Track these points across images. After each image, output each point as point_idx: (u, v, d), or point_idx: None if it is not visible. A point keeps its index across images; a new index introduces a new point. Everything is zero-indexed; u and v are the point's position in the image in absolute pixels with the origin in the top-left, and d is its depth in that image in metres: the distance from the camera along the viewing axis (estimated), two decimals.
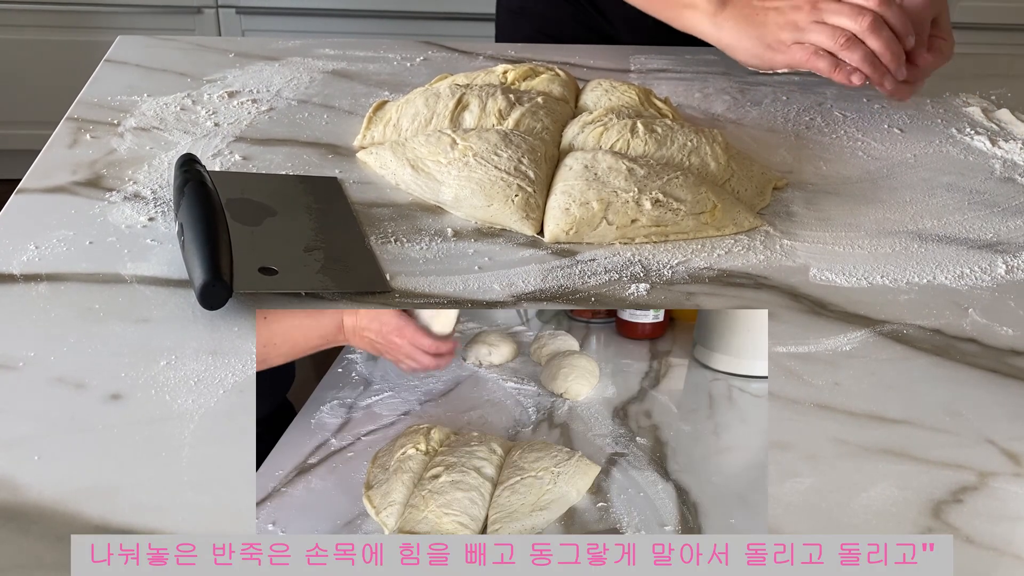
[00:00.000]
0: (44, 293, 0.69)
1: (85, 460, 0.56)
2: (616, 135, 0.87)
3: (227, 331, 0.67)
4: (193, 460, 0.57)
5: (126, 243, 0.76)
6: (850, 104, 1.07)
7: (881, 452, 0.61)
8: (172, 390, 0.62)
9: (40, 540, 0.51)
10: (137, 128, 0.92)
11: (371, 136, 0.93)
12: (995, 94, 1.11)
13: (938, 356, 0.70)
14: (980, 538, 0.55)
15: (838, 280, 0.77)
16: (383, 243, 0.78)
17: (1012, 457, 0.61)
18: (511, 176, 0.81)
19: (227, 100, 0.98)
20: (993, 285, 0.78)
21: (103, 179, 0.84)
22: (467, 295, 0.73)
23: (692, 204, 0.81)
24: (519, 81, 0.97)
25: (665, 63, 1.14)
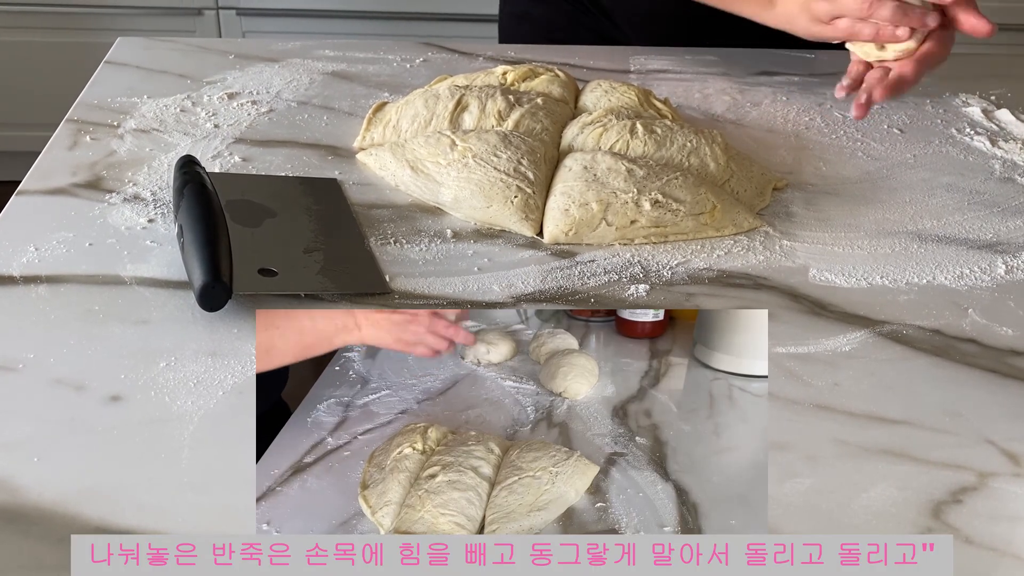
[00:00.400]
0: (44, 295, 0.70)
1: (85, 461, 0.56)
2: (615, 136, 0.87)
3: (226, 332, 0.67)
4: (193, 461, 0.57)
5: (126, 245, 0.76)
6: (850, 105, 1.07)
7: (881, 452, 0.61)
8: (172, 391, 0.62)
9: (41, 541, 0.51)
10: (137, 130, 0.92)
11: (371, 137, 0.93)
12: (995, 94, 1.11)
13: (938, 356, 0.70)
14: (980, 538, 0.55)
15: (838, 280, 0.77)
16: (383, 244, 0.78)
17: (1012, 457, 0.61)
18: (510, 177, 0.81)
19: (227, 102, 0.98)
20: (993, 285, 0.78)
21: (103, 181, 0.84)
22: (467, 296, 0.73)
23: (691, 205, 0.81)
24: (519, 82, 0.97)
25: (665, 64, 1.14)
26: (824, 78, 1.13)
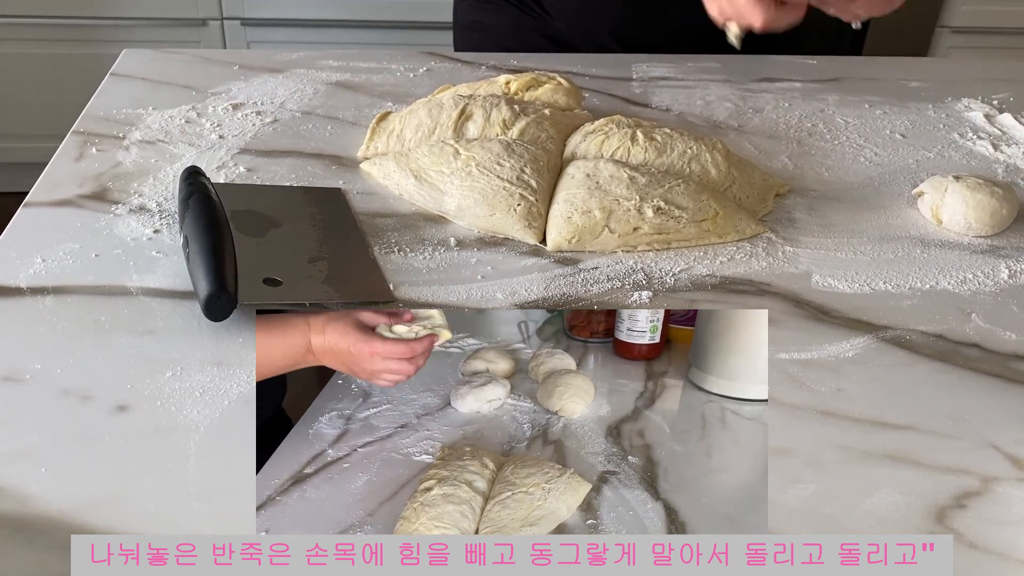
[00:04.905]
0: (51, 306, 0.70)
1: (92, 471, 0.57)
2: (617, 143, 0.87)
3: (232, 342, 0.67)
4: (199, 471, 0.57)
5: (132, 255, 0.76)
6: (852, 110, 1.08)
7: (884, 457, 0.61)
8: (177, 401, 0.62)
9: (47, 551, 0.52)
10: (142, 141, 0.93)
11: (375, 147, 0.93)
12: (997, 99, 1.11)
13: (941, 361, 0.70)
14: (983, 543, 0.55)
15: (840, 286, 0.77)
16: (387, 253, 0.79)
17: (1015, 462, 0.61)
18: (513, 185, 0.81)
19: (231, 112, 0.99)
20: (996, 290, 0.78)
21: (109, 192, 0.84)
22: (470, 304, 0.73)
23: (694, 211, 0.81)
24: (522, 91, 0.97)
25: (667, 71, 1.15)
26: (826, 84, 1.13)
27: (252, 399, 0.63)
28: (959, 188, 0.85)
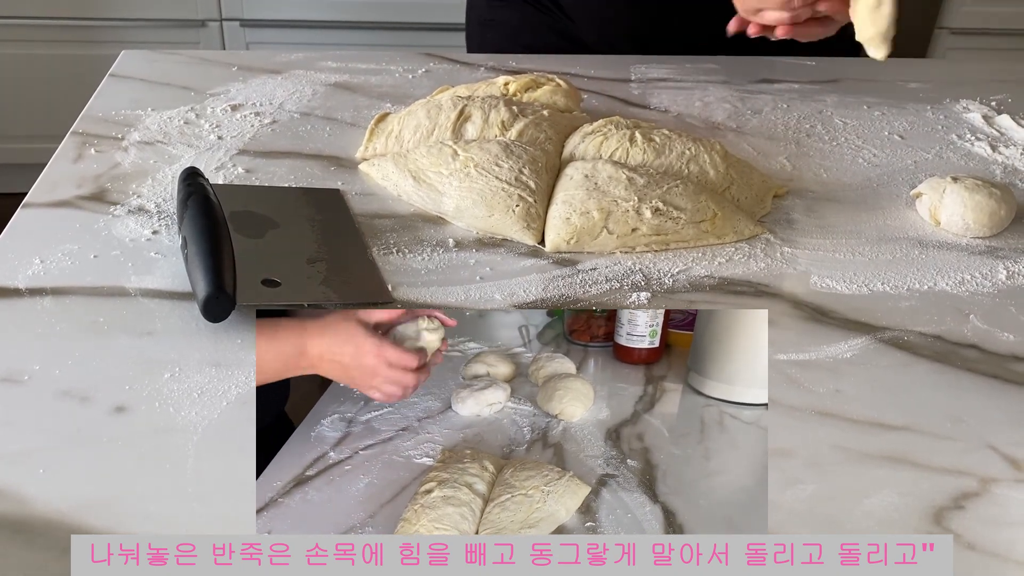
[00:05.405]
0: (49, 307, 0.70)
1: (90, 472, 0.57)
2: (615, 144, 0.87)
3: (230, 343, 0.67)
4: (197, 472, 0.57)
5: (130, 256, 0.76)
6: (850, 111, 1.08)
7: (882, 459, 0.61)
8: (176, 402, 0.62)
9: (46, 552, 0.52)
10: (141, 142, 0.93)
11: (373, 148, 0.93)
12: (995, 100, 1.11)
13: (939, 362, 0.70)
14: (982, 544, 0.55)
15: (839, 287, 0.77)
16: (385, 254, 0.79)
17: (1013, 463, 0.61)
18: (512, 186, 0.81)
19: (230, 113, 0.99)
20: (994, 291, 0.78)
21: (107, 193, 0.84)
22: (469, 305, 0.73)
23: (692, 212, 0.81)
24: (521, 92, 0.97)
25: (665, 72, 1.15)
26: (824, 85, 1.13)
27: (251, 400, 0.63)
28: (957, 189, 0.85)
